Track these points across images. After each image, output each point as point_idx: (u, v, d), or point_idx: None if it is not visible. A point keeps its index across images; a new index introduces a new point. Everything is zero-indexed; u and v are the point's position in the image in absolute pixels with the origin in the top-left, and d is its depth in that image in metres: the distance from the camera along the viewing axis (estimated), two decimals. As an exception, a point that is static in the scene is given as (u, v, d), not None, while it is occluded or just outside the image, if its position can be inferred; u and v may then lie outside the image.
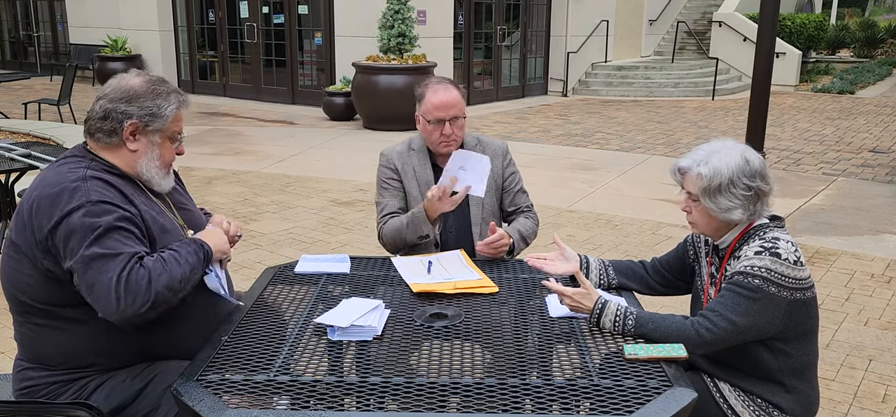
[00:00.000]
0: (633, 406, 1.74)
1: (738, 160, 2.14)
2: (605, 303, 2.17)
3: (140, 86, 2.10)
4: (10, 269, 2.03)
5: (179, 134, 2.19)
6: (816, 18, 18.98)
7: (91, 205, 1.93)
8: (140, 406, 2.04)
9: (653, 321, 2.12)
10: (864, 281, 4.95)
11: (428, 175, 2.99)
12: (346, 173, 8.06)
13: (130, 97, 2.08)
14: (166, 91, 2.13)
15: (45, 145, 5.48)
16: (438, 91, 2.88)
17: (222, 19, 14.39)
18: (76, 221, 1.91)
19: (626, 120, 12.05)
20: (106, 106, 2.08)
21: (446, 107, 2.86)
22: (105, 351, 2.05)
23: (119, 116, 2.06)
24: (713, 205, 2.17)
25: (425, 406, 1.74)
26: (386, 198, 3.02)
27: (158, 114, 2.09)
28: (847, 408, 3.38)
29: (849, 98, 14.87)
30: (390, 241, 2.93)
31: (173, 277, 1.95)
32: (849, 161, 8.88)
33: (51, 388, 2.06)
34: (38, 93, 13.36)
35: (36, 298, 2.01)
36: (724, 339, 2.09)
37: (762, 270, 2.06)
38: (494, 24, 14.45)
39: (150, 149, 2.11)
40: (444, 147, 2.91)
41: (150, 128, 2.09)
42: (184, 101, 2.18)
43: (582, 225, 6.18)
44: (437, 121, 2.87)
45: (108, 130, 2.07)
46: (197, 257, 2.07)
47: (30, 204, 1.97)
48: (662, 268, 2.56)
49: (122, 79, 2.12)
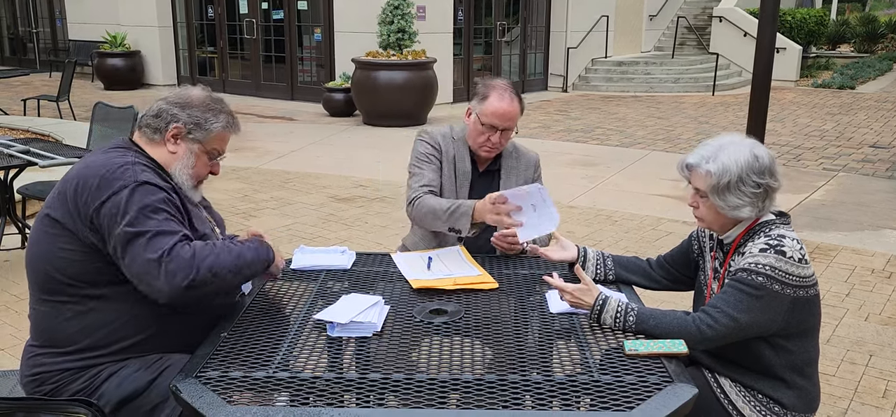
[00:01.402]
0: (634, 401, 1.74)
1: (748, 156, 2.12)
2: (605, 300, 2.16)
3: (198, 97, 2.22)
4: (45, 244, 2.07)
5: (219, 154, 2.27)
6: (817, 13, 18.95)
7: (138, 184, 2.01)
8: (150, 397, 2.05)
9: (654, 317, 2.11)
10: (864, 277, 4.95)
11: (467, 167, 2.95)
12: (345, 169, 8.05)
13: (185, 104, 2.19)
14: (219, 109, 2.23)
15: (44, 141, 5.47)
16: (504, 98, 2.80)
17: (221, 15, 14.37)
18: (123, 198, 1.98)
19: (626, 115, 12.03)
20: (162, 105, 2.20)
21: (506, 117, 2.80)
22: (126, 335, 2.09)
23: (168, 117, 2.18)
24: (722, 203, 2.15)
25: (425, 403, 1.74)
26: (426, 171, 2.89)
27: (203, 126, 2.19)
28: (847, 403, 3.37)
29: (849, 93, 14.85)
30: (421, 217, 2.78)
31: (219, 263, 2.02)
32: (849, 156, 8.87)
33: (63, 375, 2.07)
34: (38, 89, 13.34)
35: (68, 273, 2.04)
36: (725, 336, 2.09)
37: (766, 268, 2.05)
38: (494, 19, 14.43)
39: (187, 156, 2.19)
40: (485, 151, 2.88)
41: (191, 135, 2.18)
42: (233, 125, 2.25)
43: (582, 222, 6.17)
44: (490, 127, 2.81)
45: (155, 127, 2.18)
46: (255, 254, 2.17)
47: (76, 182, 2.03)
48: (667, 264, 2.55)
49: (186, 88, 2.25)
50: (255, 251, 2.18)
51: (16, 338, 3.90)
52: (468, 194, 2.93)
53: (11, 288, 4.57)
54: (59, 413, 1.96)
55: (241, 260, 2.10)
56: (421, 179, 2.87)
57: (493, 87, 2.84)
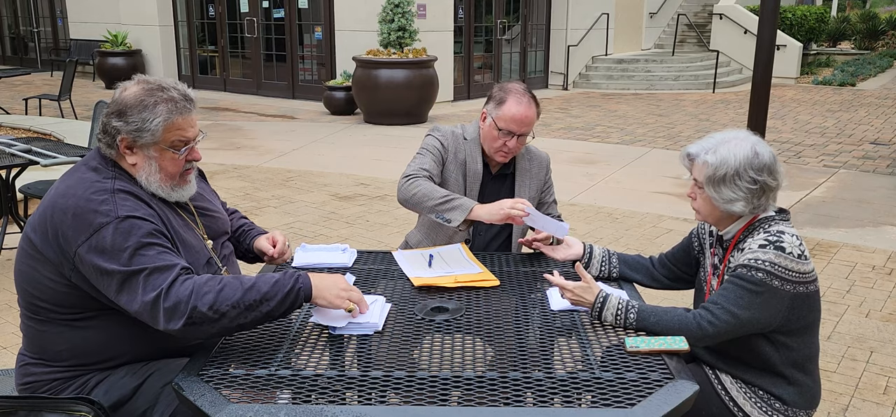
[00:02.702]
0: (635, 398, 1.74)
1: (747, 152, 2.12)
2: (606, 297, 2.17)
3: (131, 98, 2.01)
4: (28, 269, 1.98)
5: (184, 142, 2.06)
6: (817, 10, 18.94)
7: (119, 220, 1.89)
8: (137, 403, 2.03)
9: (655, 314, 2.12)
10: (865, 273, 4.95)
11: (478, 169, 2.90)
12: (347, 167, 8.05)
13: (121, 110, 2.00)
14: (155, 102, 1.99)
15: (46, 141, 5.47)
16: (522, 103, 2.74)
17: (222, 14, 14.36)
18: (107, 240, 1.87)
19: (626, 113, 12.03)
20: (103, 120, 2.04)
21: (523, 123, 2.75)
22: (113, 350, 2.05)
23: (112, 131, 2.01)
24: (716, 195, 2.15)
25: (427, 400, 1.74)
26: (428, 161, 2.83)
27: (144, 128, 1.99)
28: (848, 400, 3.38)
29: (850, 90, 14.84)
30: (411, 194, 2.68)
31: (222, 298, 1.86)
32: (850, 153, 8.87)
33: (53, 384, 2.06)
34: (39, 88, 13.35)
35: (53, 301, 1.98)
36: (725, 332, 2.09)
37: (766, 264, 2.06)
38: (494, 17, 14.42)
39: (148, 163, 2.03)
40: (501, 156, 2.84)
41: (140, 142, 2.01)
42: (178, 107, 2.02)
43: (583, 219, 6.17)
44: (507, 132, 2.76)
45: (108, 143, 2.03)
46: (275, 284, 1.93)
47: (55, 211, 1.93)
48: (669, 262, 2.55)
49: (121, 90, 2.05)
50: (275, 283, 1.93)
51: (18, 337, 3.90)
52: (478, 197, 2.90)
53: (13, 287, 4.58)
54: (61, 411, 1.97)
55: (252, 293, 1.90)
56: (423, 163, 2.80)
57: (510, 91, 2.77)
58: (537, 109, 2.80)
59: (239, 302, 1.88)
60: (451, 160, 2.90)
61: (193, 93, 2.11)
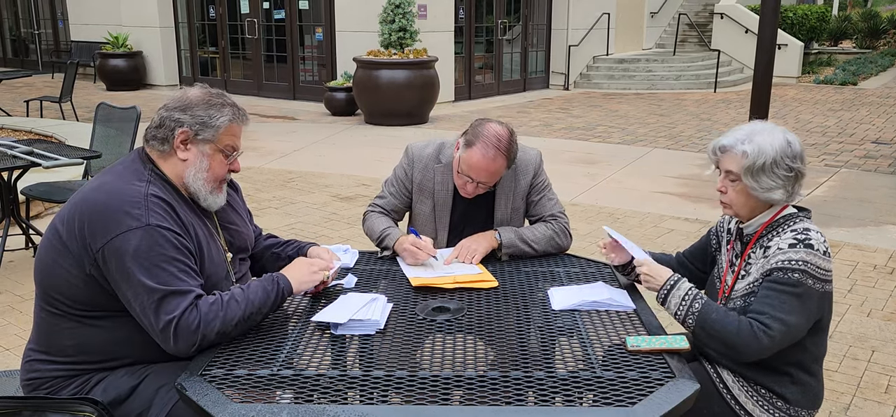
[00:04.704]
0: (636, 397, 1.74)
1: (782, 141, 2.13)
2: (677, 280, 2.17)
3: (196, 96, 2.12)
4: (50, 260, 2.01)
5: (233, 149, 2.17)
6: (818, 9, 18.93)
7: (147, 227, 1.93)
8: (134, 404, 2.04)
9: (717, 311, 2.09)
10: (866, 273, 4.95)
11: (447, 197, 2.90)
12: (348, 168, 8.06)
13: (185, 106, 2.10)
14: (221, 103, 2.13)
15: (47, 142, 5.48)
16: (487, 155, 2.61)
17: (223, 15, 14.38)
18: (132, 244, 1.90)
19: (627, 113, 12.03)
20: (163, 114, 2.10)
21: (483, 172, 2.66)
22: (118, 351, 2.07)
23: (172, 124, 2.08)
24: (755, 184, 2.14)
25: (428, 400, 1.74)
26: (389, 193, 2.96)
27: (209, 123, 2.09)
28: (850, 399, 3.38)
29: (851, 89, 14.83)
30: (364, 228, 2.93)
31: (228, 319, 1.97)
32: (851, 152, 8.87)
33: (54, 381, 2.08)
34: (40, 90, 13.37)
35: (67, 294, 2.00)
36: (780, 341, 2.03)
37: (799, 263, 2.04)
38: (495, 17, 14.43)
39: (200, 160, 2.10)
40: (464, 193, 2.80)
41: (199, 136, 2.09)
42: (240, 116, 2.16)
43: (584, 219, 6.17)
44: (467, 176, 2.71)
45: (162, 138, 2.09)
46: (265, 293, 2.07)
47: (86, 204, 1.96)
48: (687, 261, 2.54)
49: (182, 91, 2.16)
50: (264, 293, 2.08)
51: (20, 338, 3.91)
52: (450, 219, 2.93)
53: (16, 289, 4.59)
54: (64, 411, 1.97)
55: (250, 303, 2.03)
56: (381, 198, 2.98)
57: (481, 138, 2.63)
58: (506, 162, 2.67)
59: (241, 320, 2.01)
60: (416, 190, 2.94)
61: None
